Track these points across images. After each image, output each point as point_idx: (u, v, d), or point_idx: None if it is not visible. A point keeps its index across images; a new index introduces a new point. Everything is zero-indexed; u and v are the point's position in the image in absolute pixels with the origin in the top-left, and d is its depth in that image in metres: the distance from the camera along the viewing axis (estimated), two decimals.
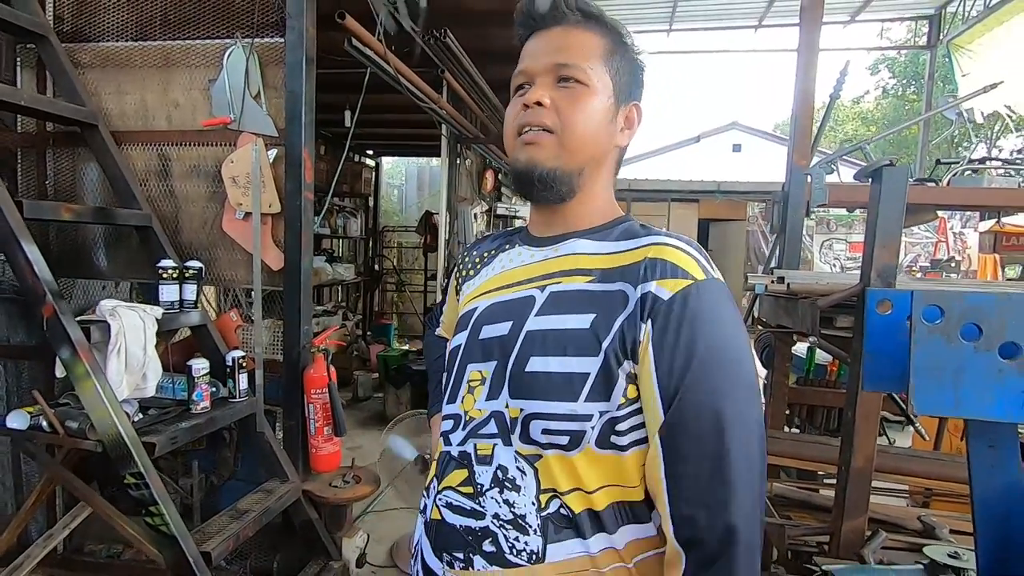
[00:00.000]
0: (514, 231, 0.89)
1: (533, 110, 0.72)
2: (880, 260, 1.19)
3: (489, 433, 0.72)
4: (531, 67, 0.74)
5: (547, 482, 0.68)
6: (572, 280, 0.73)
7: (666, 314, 0.65)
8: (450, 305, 0.98)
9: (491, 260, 0.86)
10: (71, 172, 2.24)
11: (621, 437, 0.67)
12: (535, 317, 0.72)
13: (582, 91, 0.72)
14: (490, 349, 0.75)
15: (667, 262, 0.67)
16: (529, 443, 0.69)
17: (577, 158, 0.73)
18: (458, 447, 0.75)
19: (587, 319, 0.68)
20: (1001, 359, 0.65)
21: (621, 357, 0.66)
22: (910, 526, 1.37)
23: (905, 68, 16.92)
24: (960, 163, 2.06)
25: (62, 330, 1.55)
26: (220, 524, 1.75)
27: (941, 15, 7.13)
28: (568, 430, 0.67)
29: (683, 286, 0.65)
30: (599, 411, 0.66)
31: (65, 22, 2.20)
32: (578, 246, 0.76)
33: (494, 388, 0.73)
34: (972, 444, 0.78)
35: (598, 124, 0.73)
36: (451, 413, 0.78)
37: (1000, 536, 0.76)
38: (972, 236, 7.31)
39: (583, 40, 0.74)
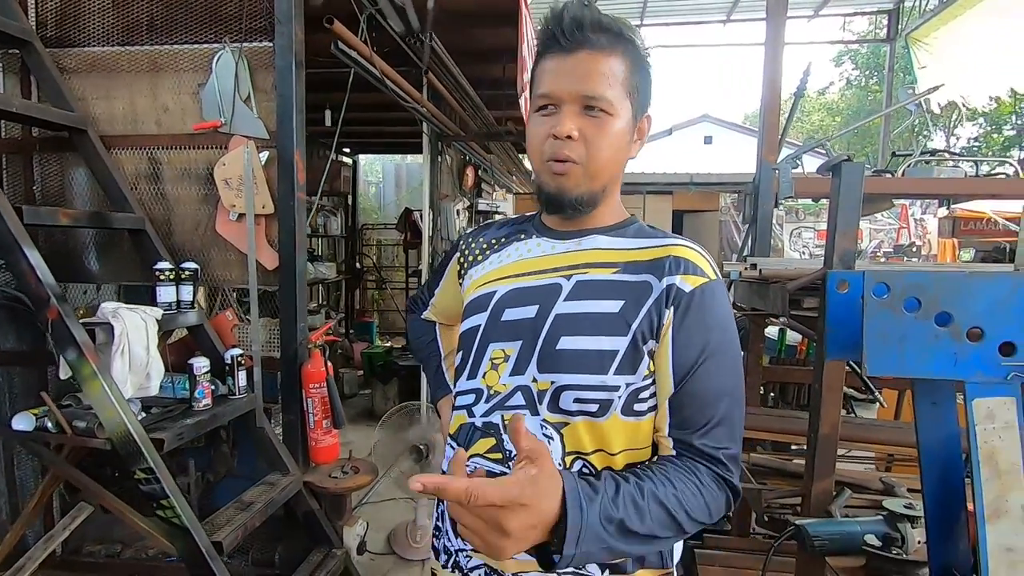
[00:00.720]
0: (521, 221, 0.96)
1: (563, 143, 0.78)
2: (841, 246, 1.31)
3: (516, 405, 0.81)
4: (557, 92, 0.78)
5: (572, 445, 0.78)
6: (598, 271, 0.83)
7: (687, 303, 0.77)
8: (448, 289, 1.04)
9: (503, 247, 0.93)
10: (59, 177, 2.25)
11: (642, 404, 0.79)
12: (564, 302, 0.82)
13: (607, 121, 0.78)
14: (516, 329, 0.83)
15: (689, 261, 0.80)
16: (557, 412, 0.79)
17: (601, 181, 0.82)
18: (483, 418, 0.84)
19: (616, 305, 0.79)
20: (936, 326, 0.77)
21: (647, 336, 0.77)
22: (873, 487, 1.51)
23: (867, 60, 17.44)
24: (913, 155, 2.23)
25: (68, 333, 1.59)
26: (228, 516, 1.81)
27: (899, 9, 7.41)
28: (598, 399, 0.77)
29: (701, 282, 0.78)
30: (626, 383, 0.77)
31: (48, 27, 2.21)
32: (599, 241, 0.86)
33: (520, 364, 0.81)
34: (918, 402, 0.90)
35: (620, 149, 0.82)
36: (472, 388, 0.86)
37: (941, 479, 0.89)
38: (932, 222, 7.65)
39: (609, 68, 0.77)
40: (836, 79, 19.65)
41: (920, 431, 0.91)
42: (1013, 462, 0.75)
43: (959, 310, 0.77)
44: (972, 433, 0.77)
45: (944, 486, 0.91)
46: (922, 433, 0.91)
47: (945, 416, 0.90)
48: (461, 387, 0.89)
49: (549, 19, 0.79)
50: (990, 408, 0.76)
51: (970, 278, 0.77)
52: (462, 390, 0.88)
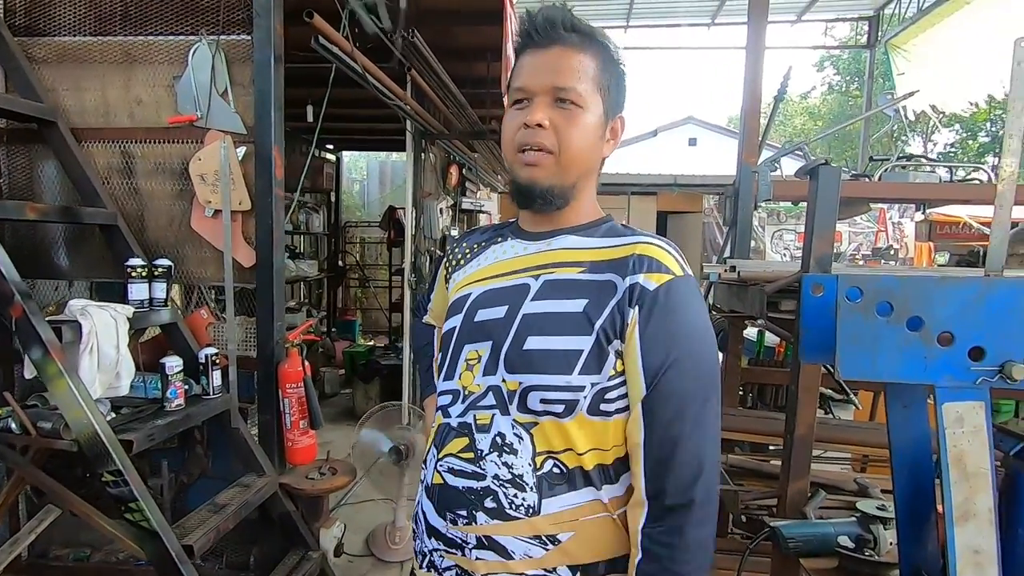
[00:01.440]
0: (503, 225, 0.97)
1: (534, 131, 0.79)
2: (818, 249, 1.32)
3: (488, 405, 0.81)
4: (530, 85, 0.80)
5: (542, 445, 0.79)
6: (565, 271, 0.83)
7: (651, 302, 0.76)
8: (439, 293, 1.06)
9: (482, 251, 0.94)
10: (28, 170, 2.18)
11: (609, 404, 0.79)
12: (531, 302, 0.82)
13: (578, 113, 0.80)
14: (486, 331, 0.84)
15: (653, 259, 0.79)
16: (526, 412, 0.79)
17: (572, 174, 0.83)
18: (458, 418, 0.84)
19: (580, 304, 0.79)
20: (908, 331, 0.78)
21: (611, 336, 0.77)
22: (847, 488, 1.53)
23: (849, 65, 17.74)
24: (890, 160, 2.26)
25: (33, 331, 1.54)
26: (200, 518, 1.77)
27: (879, 16, 7.54)
28: (563, 399, 0.77)
29: (666, 279, 0.77)
30: (591, 383, 0.77)
31: (17, 15, 2.14)
32: (568, 241, 0.86)
33: (490, 365, 0.82)
34: (890, 405, 0.91)
35: (591, 143, 0.83)
36: (450, 388, 0.87)
37: (912, 481, 0.89)
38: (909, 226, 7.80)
39: (579, 63, 0.80)
40: (818, 84, 19.92)
41: (892, 433, 0.92)
42: (981, 465, 0.76)
43: (930, 315, 0.77)
44: (942, 436, 0.77)
45: (915, 488, 0.92)
46: (893, 435, 0.92)
47: (916, 419, 0.91)
48: (440, 388, 0.90)
49: (525, 20, 0.82)
50: (959, 412, 0.76)
51: (940, 283, 0.78)
52: (441, 391, 0.89)
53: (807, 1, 7.03)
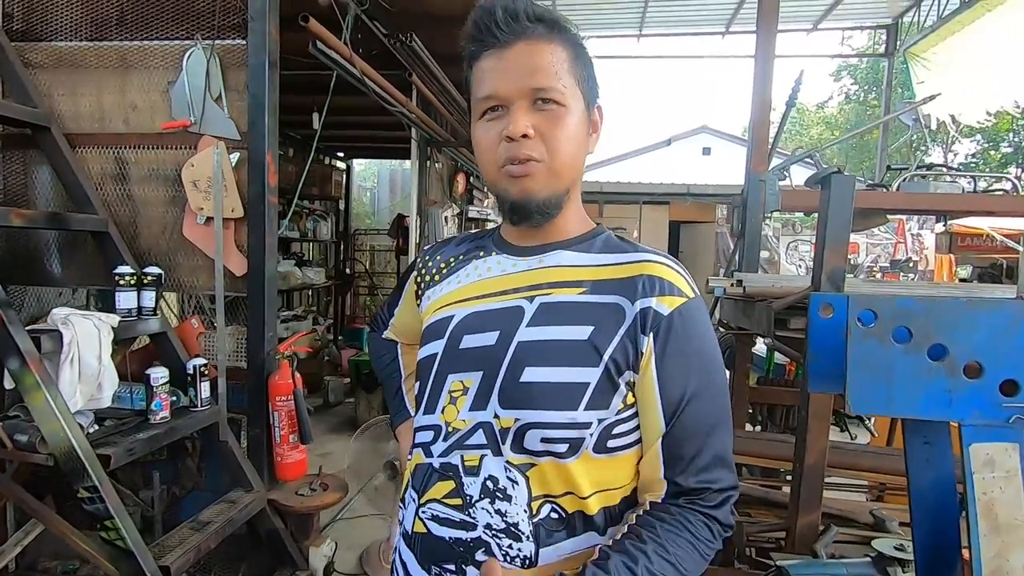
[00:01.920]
0: (481, 236, 0.87)
1: (519, 143, 0.69)
2: (830, 263, 1.23)
3: (476, 444, 0.72)
4: (504, 91, 0.70)
5: (539, 489, 0.70)
6: (563, 292, 0.74)
7: (667, 328, 0.70)
8: (406, 309, 0.96)
9: (461, 266, 0.84)
10: (23, 175, 2.16)
11: (617, 440, 0.71)
12: (527, 328, 0.73)
13: (562, 112, 0.70)
14: (474, 359, 0.74)
15: (664, 280, 0.71)
16: (522, 452, 0.70)
17: (565, 180, 0.74)
18: (440, 459, 0.74)
19: (585, 331, 0.70)
20: (929, 360, 0.69)
21: (623, 367, 0.69)
22: (862, 520, 1.42)
23: (866, 75, 17.49)
24: (909, 169, 2.15)
25: (10, 340, 1.50)
26: (181, 536, 1.71)
27: (898, 24, 7.40)
28: (567, 438, 0.69)
29: (679, 303, 0.71)
30: (598, 419, 0.69)
31: (15, 20, 2.13)
32: (562, 258, 0.77)
33: (480, 398, 0.73)
34: (908, 440, 0.82)
35: (579, 143, 0.74)
36: (429, 424, 0.77)
37: (934, 527, 0.80)
38: (929, 237, 7.59)
39: (553, 56, 0.71)
40: (835, 93, 19.65)
41: (911, 471, 0.82)
42: (1016, 517, 0.66)
43: (955, 342, 0.68)
44: (969, 482, 0.68)
45: (936, 532, 0.82)
46: (913, 474, 0.82)
47: (939, 456, 0.81)
48: (419, 423, 0.80)
49: (478, 16, 0.71)
50: (989, 454, 0.67)
51: (968, 306, 0.69)
52: (420, 426, 0.79)
53: (823, 10, 6.92)
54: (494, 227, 0.87)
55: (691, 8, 7.20)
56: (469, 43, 0.74)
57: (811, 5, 6.87)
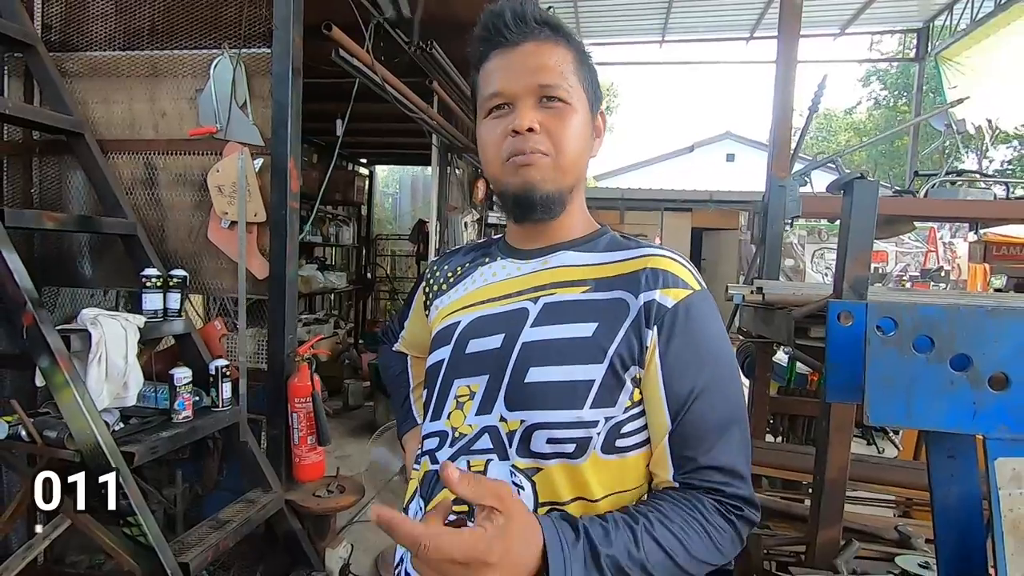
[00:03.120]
0: (487, 243, 0.88)
1: (525, 137, 0.71)
2: (852, 272, 1.20)
3: (482, 448, 0.72)
4: (510, 88, 0.72)
5: (546, 495, 0.69)
6: (567, 291, 0.74)
7: (671, 321, 0.69)
8: (416, 321, 0.97)
9: (467, 274, 0.85)
10: (57, 180, 2.24)
11: (625, 439, 0.70)
12: (531, 328, 0.73)
13: (567, 111, 0.72)
14: (480, 363, 0.74)
15: (668, 272, 0.71)
16: (528, 456, 0.69)
17: (570, 178, 0.75)
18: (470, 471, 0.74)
19: (589, 328, 0.70)
20: (952, 371, 0.66)
21: (628, 362, 0.69)
22: (887, 536, 1.38)
23: (896, 80, 17.11)
24: (938, 175, 2.09)
25: (42, 339, 1.55)
26: (200, 535, 1.74)
27: (929, 28, 7.23)
28: (574, 438, 0.68)
29: (685, 295, 0.70)
30: (604, 417, 0.68)
31: (53, 31, 2.22)
32: (567, 258, 0.77)
33: (486, 402, 0.72)
34: (932, 454, 0.79)
35: (584, 142, 0.75)
36: (436, 431, 0.77)
37: (960, 546, 0.77)
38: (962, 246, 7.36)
39: (558, 56, 0.73)
40: (864, 99, 19.24)
41: (934, 486, 0.79)
42: None
43: (979, 352, 0.66)
44: (994, 498, 0.65)
45: (962, 550, 0.79)
46: (936, 489, 0.79)
47: (963, 470, 0.78)
48: (426, 430, 0.80)
49: (487, 18, 0.74)
50: (1016, 470, 0.64)
51: (992, 314, 0.66)
52: (427, 433, 0.79)
53: (852, 14, 6.81)
54: (498, 236, 0.88)
55: (714, 13, 7.14)
56: (477, 45, 0.76)
57: (838, 9, 6.76)
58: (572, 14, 6.93)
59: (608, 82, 15.83)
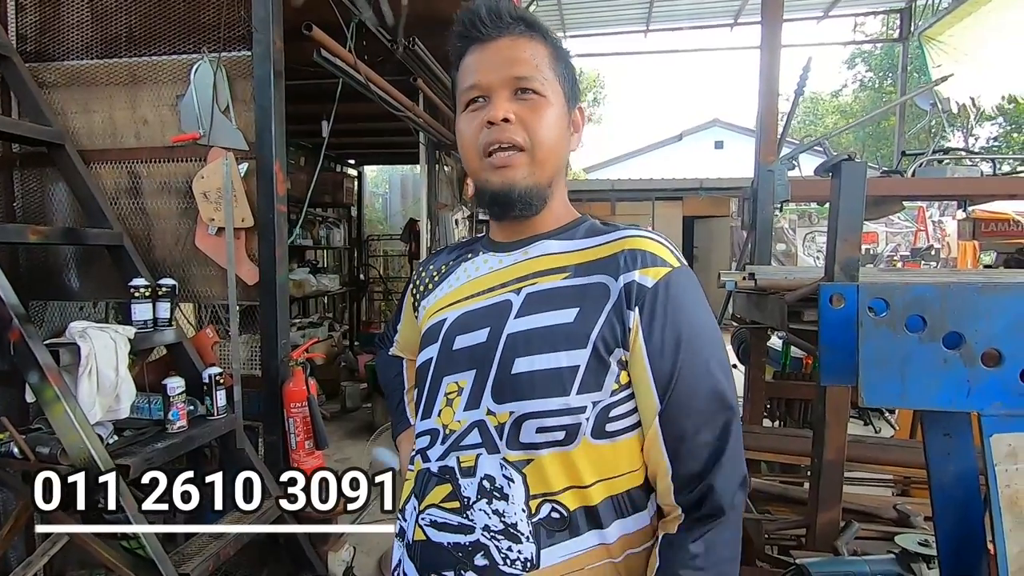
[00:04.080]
0: (471, 241, 0.89)
1: (500, 127, 0.72)
2: (843, 254, 1.20)
3: (472, 443, 0.72)
4: (486, 81, 0.73)
5: (537, 486, 0.69)
6: (548, 279, 0.74)
7: (652, 300, 0.69)
8: (407, 323, 0.97)
9: (451, 271, 0.85)
10: (39, 193, 2.21)
11: (615, 423, 0.70)
12: (515, 319, 0.73)
13: (541, 102, 0.73)
14: (468, 358, 0.75)
15: (646, 252, 0.71)
16: (519, 448, 0.70)
17: (548, 171, 0.75)
18: (438, 462, 0.74)
19: (571, 313, 0.71)
20: (945, 349, 0.66)
21: (612, 345, 0.69)
22: (886, 515, 1.38)
23: (881, 61, 17.17)
24: (925, 154, 2.10)
25: (30, 354, 1.52)
26: (200, 544, 1.72)
27: (912, 7, 7.24)
28: (563, 425, 0.68)
29: (664, 273, 0.70)
30: (592, 401, 0.69)
31: (29, 41, 2.18)
32: (547, 247, 0.78)
33: (473, 397, 0.73)
34: (928, 433, 0.79)
35: (560, 134, 0.76)
36: (427, 429, 0.77)
37: (957, 522, 0.77)
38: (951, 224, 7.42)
39: (533, 50, 0.75)
40: (850, 81, 19.31)
41: (931, 465, 0.80)
42: None
43: (972, 330, 0.66)
44: (991, 475, 0.65)
45: (960, 527, 0.80)
46: (933, 467, 0.79)
47: (960, 448, 0.79)
48: (418, 429, 0.80)
49: (464, 15, 0.75)
50: (1012, 446, 0.64)
51: (984, 291, 0.66)
52: (419, 432, 0.79)
53: None
54: (483, 233, 0.89)
55: (698, 1, 7.13)
56: (455, 41, 0.77)
57: None
58: (555, 6, 6.90)
59: (594, 73, 15.79)
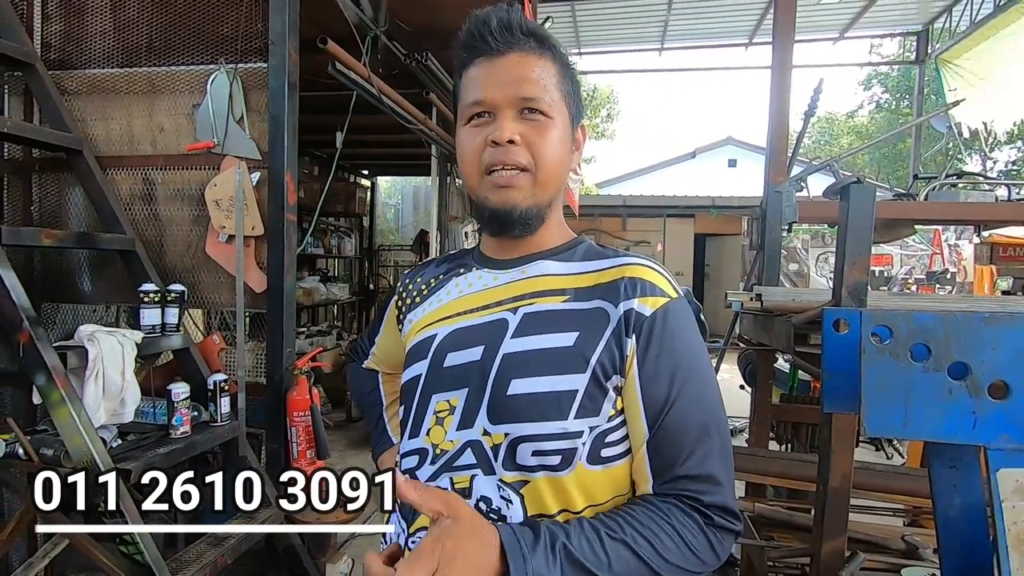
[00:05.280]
0: (461, 254, 0.87)
1: (505, 148, 0.70)
2: (851, 278, 1.18)
3: (466, 464, 0.70)
4: (491, 98, 0.72)
5: (534, 508, 0.68)
6: (546, 301, 0.74)
7: (649, 329, 0.69)
8: (388, 336, 0.94)
9: (441, 285, 0.83)
10: (57, 197, 2.25)
11: (610, 448, 0.70)
12: (511, 339, 0.72)
13: (547, 124, 0.72)
14: (460, 376, 0.73)
15: (646, 281, 0.71)
16: (515, 469, 0.68)
17: (548, 192, 0.75)
18: (428, 483, 0.72)
19: (571, 337, 0.70)
20: (950, 379, 0.65)
21: (610, 371, 0.69)
22: (894, 546, 1.35)
23: (898, 83, 17.09)
24: (938, 178, 2.07)
25: (38, 356, 1.54)
26: (198, 552, 1.72)
27: (929, 31, 7.23)
28: (559, 449, 0.67)
29: (662, 303, 0.70)
30: (589, 427, 0.68)
31: (53, 50, 2.23)
32: (545, 267, 0.77)
33: (467, 416, 0.71)
34: (933, 464, 0.77)
35: (563, 155, 0.75)
36: (415, 448, 0.75)
37: (964, 557, 0.75)
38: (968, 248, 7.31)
39: (542, 69, 0.73)
40: (866, 102, 19.22)
41: (936, 498, 0.77)
42: None
43: (978, 360, 0.64)
44: (997, 511, 0.63)
45: (967, 563, 0.77)
46: (939, 500, 0.77)
47: (966, 481, 0.76)
48: (404, 448, 0.78)
49: (473, 24, 0.73)
50: (1020, 481, 0.62)
51: (990, 322, 0.64)
52: (405, 451, 0.77)
53: (850, 18, 6.82)
54: (472, 246, 0.87)
55: (713, 20, 7.17)
56: (462, 51, 0.76)
57: (837, 13, 6.77)
58: (571, 23, 6.97)
59: (608, 89, 15.86)
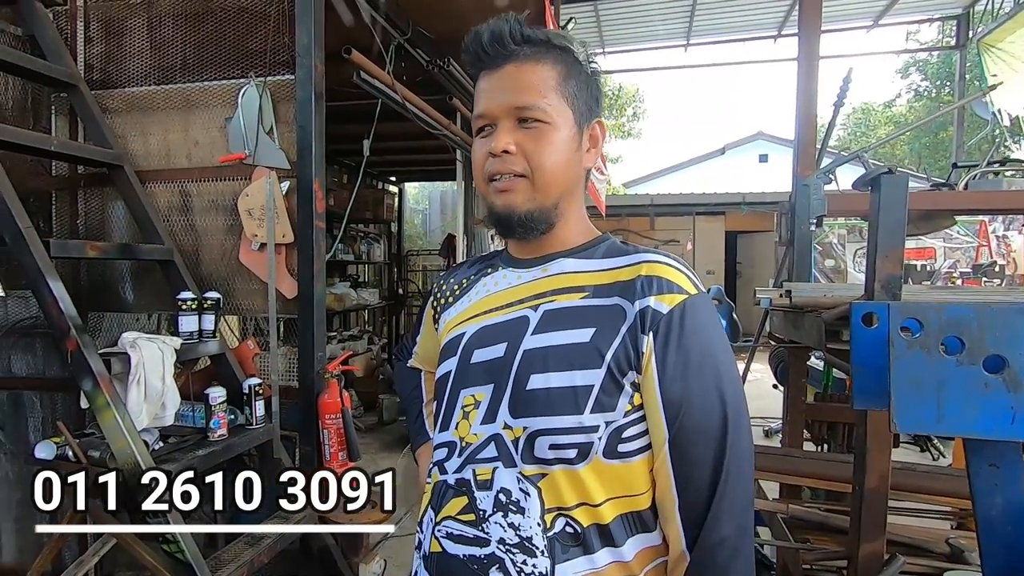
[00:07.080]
0: (492, 255, 0.90)
1: (501, 159, 0.74)
2: (884, 271, 1.15)
3: (488, 457, 0.73)
4: (490, 110, 0.75)
5: (552, 500, 0.70)
6: (566, 298, 0.75)
7: (666, 326, 0.69)
8: (427, 335, 0.99)
9: (472, 286, 0.87)
10: (100, 211, 2.35)
11: (627, 444, 0.70)
12: (532, 336, 0.74)
13: (545, 129, 0.74)
14: (485, 372, 0.76)
15: (663, 279, 0.71)
16: (533, 462, 0.70)
17: (551, 195, 0.76)
18: (455, 475, 0.75)
19: (587, 333, 0.71)
20: (986, 373, 0.62)
21: (625, 368, 0.70)
22: (937, 550, 1.30)
23: (938, 70, 16.44)
24: (979, 166, 1.98)
25: (85, 363, 1.62)
26: (235, 551, 1.77)
27: (970, 14, 6.94)
28: (576, 443, 0.69)
29: (679, 300, 0.70)
30: (605, 421, 0.69)
31: (95, 70, 2.34)
32: (566, 265, 0.78)
33: (491, 411, 0.74)
34: (972, 463, 0.74)
35: (566, 158, 0.76)
36: (445, 441, 0.79)
37: (1006, 558, 0.71)
38: (1017, 239, 6.97)
39: (537, 76, 0.74)
40: (904, 91, 18.53)
41: (976, 498, 0.74)
42: None
43: (1016, 353, 0.62)
44: None
45: (1010, 566, 0.74)
46: (979, 500, 0.74)
47: (1008, 480, 0.73)
48: (436, 441, 0.82)
49: (470, 42, 0.76)
50: None
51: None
52: (437, 444, 0.81)
53: (884, 4, 6.60)
54: (505, 246, 0.90)
55: (740, 13, 7.04)
56: (468, 67, 0.79)
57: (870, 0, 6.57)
58: (594, 22, 6.94)
59: (633, 88, 15.72)
